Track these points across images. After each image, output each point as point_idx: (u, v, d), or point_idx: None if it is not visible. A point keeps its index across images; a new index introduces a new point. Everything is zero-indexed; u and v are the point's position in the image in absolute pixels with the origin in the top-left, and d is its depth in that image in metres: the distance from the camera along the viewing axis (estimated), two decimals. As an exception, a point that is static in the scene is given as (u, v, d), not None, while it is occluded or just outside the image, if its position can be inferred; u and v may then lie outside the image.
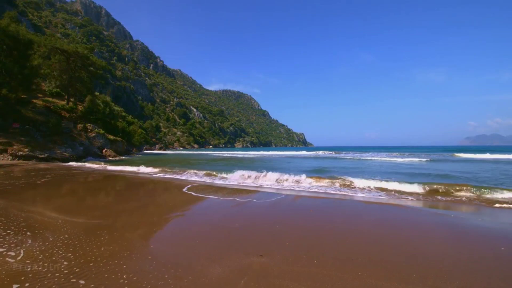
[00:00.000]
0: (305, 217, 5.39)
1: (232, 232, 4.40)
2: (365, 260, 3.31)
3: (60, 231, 4.21)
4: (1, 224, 4.48)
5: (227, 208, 6.08)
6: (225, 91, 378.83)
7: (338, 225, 4.94)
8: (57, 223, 4.65)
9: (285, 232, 4.43)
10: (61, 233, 4.11)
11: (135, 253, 3.44)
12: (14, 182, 9.53)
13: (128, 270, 2.94)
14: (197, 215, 5.69)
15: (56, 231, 4.17)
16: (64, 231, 4.19)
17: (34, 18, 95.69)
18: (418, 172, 14.32)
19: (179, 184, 10.13)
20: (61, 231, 4.19)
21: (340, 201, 7.13)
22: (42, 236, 3.93)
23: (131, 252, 3.45)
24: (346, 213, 5.89)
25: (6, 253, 3.29)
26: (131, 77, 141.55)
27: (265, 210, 5.97)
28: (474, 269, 3.12)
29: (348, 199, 7.51)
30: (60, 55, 33.92)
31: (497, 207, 6.35)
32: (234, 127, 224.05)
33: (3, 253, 3.31)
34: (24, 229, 4.25)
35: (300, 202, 7.06)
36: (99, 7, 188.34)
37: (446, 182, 9.35)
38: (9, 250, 3.38)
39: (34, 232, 4.13)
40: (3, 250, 3.40)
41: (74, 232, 4.15)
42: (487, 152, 38.82)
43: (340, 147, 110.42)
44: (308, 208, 6.23)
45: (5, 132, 22.68)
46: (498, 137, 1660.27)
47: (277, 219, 5.29)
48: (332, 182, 9.76)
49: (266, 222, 5.08)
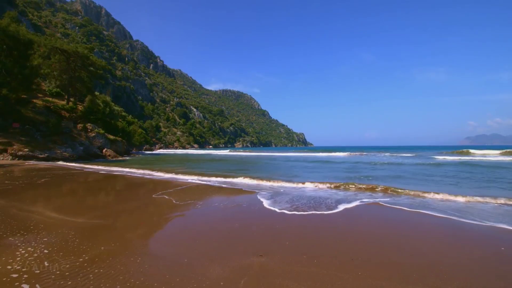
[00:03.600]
0: (305, 217, 5.39)
1: (232, 232, 4.40)
2: (365, 260, 3.31)
3: (60, 231, 4.21)
4: (1, 224, 4.49)
5: (227, 208, 6.07)
6: (225, 91, 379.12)
7: (338, 225, 4.94)
8: (57, 223, 4.65)
9: (285, 232, 4.43)
10: (61, 233, 4.11)
11: (135, 252, 3.44)
12: (14, 182, 9.53)
13: (128, 270, 2.94)
14: (197, 215, 5.69)
15: (56, 231, 4.17)
16: (64, 231, 4.19)
17: (34, 18, 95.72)
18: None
19: (179, 184, 10.13)
20: (61, 231, 4.18)
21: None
22: (42, 236, 3.93)
23: (131, 252, 3.45)
24: (346, 213, 5.88)
25: (6, 253, 3.30)
26: (131, 77, 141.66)
27: (265, 210, 5.96)
28: (474, 269, 3.12)
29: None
30: (60, 55, 33.92)
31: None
32: (234, 127, 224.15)
33: (3, 253, 3.31)
34: (24, 229, 4.25)
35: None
36: (99, 7, 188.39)
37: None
38: (9, 250, 3.38)
39: (34, 232, 4.12)
40: (2, 250, 3.40)
41: (74, 232, 4.15)
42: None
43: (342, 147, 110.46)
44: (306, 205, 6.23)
45: (5, 132, 22.69)
46: (498, 137, 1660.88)
47: (277, 218, 5.28)
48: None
49: (266, 222, 5.08)
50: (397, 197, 7.34)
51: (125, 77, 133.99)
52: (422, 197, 7.27)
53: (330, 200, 6.86)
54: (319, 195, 7.51)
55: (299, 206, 6.18)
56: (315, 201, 6.73)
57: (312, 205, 6.23)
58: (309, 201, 6.73)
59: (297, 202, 6.61)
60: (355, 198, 7.08)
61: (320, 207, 6.09)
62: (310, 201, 6.67)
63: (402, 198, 7.20)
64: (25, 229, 4.25)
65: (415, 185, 9.28)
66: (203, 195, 7.84)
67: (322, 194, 7.68)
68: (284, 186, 9.46)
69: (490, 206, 6.32)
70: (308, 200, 6.79)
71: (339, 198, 7.12)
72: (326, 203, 6.45)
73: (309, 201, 6.73)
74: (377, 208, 6.18)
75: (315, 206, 6.17)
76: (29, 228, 4.32)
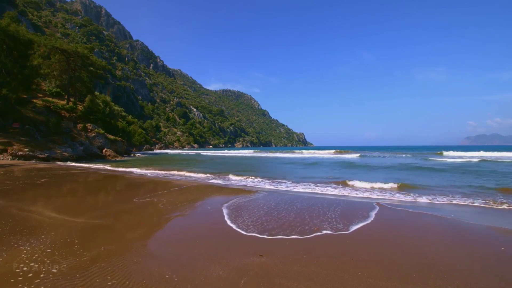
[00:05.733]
0: (304, 217, 5.38)
1: (232, 232, 4.40)
2: (365, 260, 3.31)
3: (60, 231, 4.21)
4: (1, 224, 4.49)
5: (227, 208, 6.07)
6: (225, 91, 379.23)
7: (338, 225, 4.93)
8: (57, 223, 4.65)
9: (285, 231, 4.43)
10: (61, 233, 4.11)
11: (135, 252, 3.44)
12: (14, 182, 9.53)
13: (128, 269, 2.94)
14: (197, 214, 5.69)
15: (56, 231, 4.17)
16: (63, 231, 4.19)
17: (34, 18, 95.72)
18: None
19: (179, 183, 10.13)
20: (61, 231, 4.18)
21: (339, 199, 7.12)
22: (42, 236, 3.93)
23: (131, 252, 3.45)
24: (345, 213, 5.88)
25: (6, 253, 3.30)
26: (131, 77, 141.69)
27: (266, 210, 5.96)
28: (474, 269, 3.12)
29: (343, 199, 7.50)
30: (60, 55, 33.94)
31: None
32: (234, 127, 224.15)
33: (3, 253, 3.31)
34: (24, 229, 4.25)
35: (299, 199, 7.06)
36: (99, 7, 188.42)
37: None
38: (10, 250, 3.38)
39: (34, 232, 4.13)
40: (3, 250, 3.40)
41: (73, 232, 4.15)
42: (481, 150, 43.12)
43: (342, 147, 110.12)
44: (305, 205, 6.22)
45: (5, 132, 22.69)
46: (498, 137, 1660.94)
47: (277, 218, 5.28)
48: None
49: (266, 222, 5.08)
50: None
51: (125, 77, 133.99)
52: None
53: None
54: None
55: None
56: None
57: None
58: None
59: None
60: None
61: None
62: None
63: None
64: (25, 229, 4.25)
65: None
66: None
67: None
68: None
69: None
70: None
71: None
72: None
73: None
74: (377, 208, 6.18)
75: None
76: (29, 228, 4.32)
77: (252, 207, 6.11)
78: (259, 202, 6.71)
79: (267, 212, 5.63)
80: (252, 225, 4.74)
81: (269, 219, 5.16)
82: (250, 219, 5.14)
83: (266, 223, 4.86)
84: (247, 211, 5.76)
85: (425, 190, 8.64)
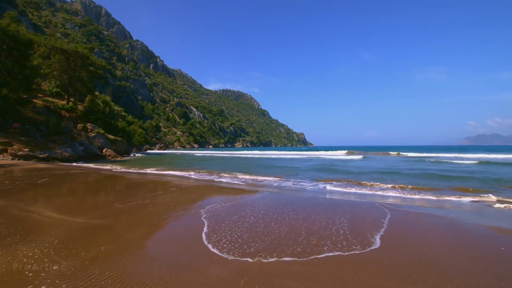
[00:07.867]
0: (304, 216, 5.39)
1: (232, 231, 4.40)
2: (365, 260, 3.31)
3: (60, 231, 4.21)
4: (1, 224, 4.49)
5: (228, 208, 6.07)
6: (225, 91, 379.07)
7: (338, 224, 4.93)
8: (57, 223, 4.65)
9: (285, 231, 4.43)
10: (61, 233, 4.11)
11: (135, 252, 3.44)
12: (14, 182, 9.52)
13: (128, 270, 2.94)
14: (197, 214, 5.68)
15: (56, 231, 4.17)
16: (63, 231, 4.19)
17: (34, 18, 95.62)
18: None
19: (179, 183, 10.13)
20: (61, 231, 4.18)
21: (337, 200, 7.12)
22: (42, 236, 3.93)
23: (131, 252, 3.45)
24: (344, 212, 5.88)
25: (6, 253, 3.29)
26: (131, 77, 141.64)
27: (266, 210, 5.96)
28: (474, 269, 3.12)
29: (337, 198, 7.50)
30: (60, 55, 33.94)
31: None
32: (234, 127, 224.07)
33: (4, 253, 3.31)
34: (24, 229, 4.25)
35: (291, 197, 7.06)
36: (99, 7, 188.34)
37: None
38: (10, 250, 3.38)
39: (34, 232, 4.12)
40: (3, 250, 3.40)
41: (73, 232, 4.15)
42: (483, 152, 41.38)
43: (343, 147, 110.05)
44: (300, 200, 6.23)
45: (5, 132, 22.69)
46: (498, 137, 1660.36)
47: (277, 218, 5.28)
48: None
49: (267, 221, 5.08)
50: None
51: (125, 77, 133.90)
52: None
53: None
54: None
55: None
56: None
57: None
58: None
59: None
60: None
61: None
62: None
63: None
64: (25, 229, 4.25)
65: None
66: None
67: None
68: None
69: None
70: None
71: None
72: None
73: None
74: (377, 208, 6.18)
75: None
76: (29, 228, 4.32)
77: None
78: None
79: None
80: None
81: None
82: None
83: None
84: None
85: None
